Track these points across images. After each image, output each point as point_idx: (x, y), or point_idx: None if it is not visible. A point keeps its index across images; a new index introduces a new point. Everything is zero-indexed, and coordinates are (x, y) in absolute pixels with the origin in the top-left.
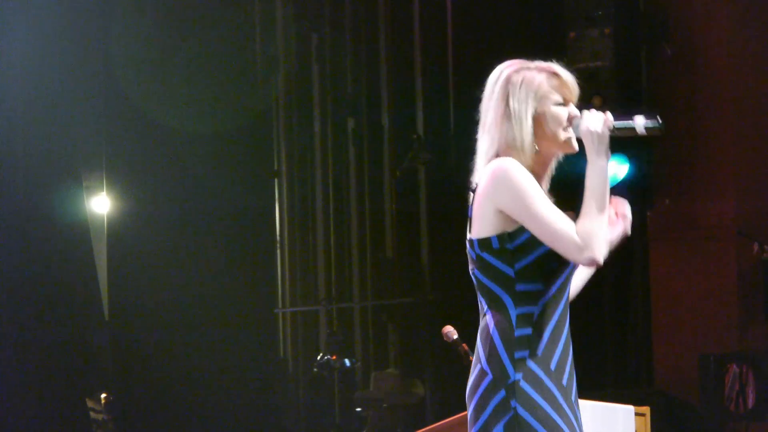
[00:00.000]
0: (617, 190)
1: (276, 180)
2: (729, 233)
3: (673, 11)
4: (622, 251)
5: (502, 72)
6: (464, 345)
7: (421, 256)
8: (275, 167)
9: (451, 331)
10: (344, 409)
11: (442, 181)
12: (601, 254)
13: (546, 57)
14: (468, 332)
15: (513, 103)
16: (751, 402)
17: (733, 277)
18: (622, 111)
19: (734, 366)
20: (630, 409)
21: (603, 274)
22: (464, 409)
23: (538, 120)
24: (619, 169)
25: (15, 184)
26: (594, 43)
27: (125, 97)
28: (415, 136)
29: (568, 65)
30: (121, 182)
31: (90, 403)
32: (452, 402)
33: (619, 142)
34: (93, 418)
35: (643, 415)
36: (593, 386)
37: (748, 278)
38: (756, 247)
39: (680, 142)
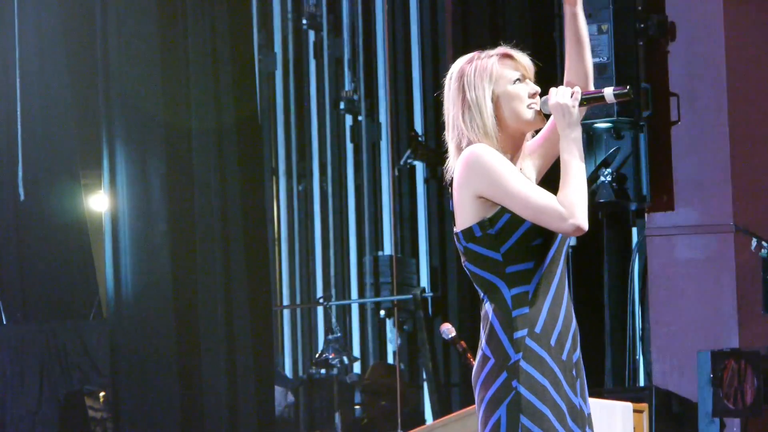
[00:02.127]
0: (616, 186)
1: (274, 177)
2: (728, 229)
3: (671, 7)
4: (620, 247)
5: (455, 68)
6: (462, 342)
7: (419, 254)
8: (273, 165)
9: (449, 329)
10: (343, 407)
11: (441, 178)
12: (584, 221)
13: (544, 54)
14: (466, 330)
15: (469, 92)
16: (749, 399)
17: (732, 273)
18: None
19: (732, 362)
20: (628, 406)
21: (600, 271)
22: (462, 406)
23: (498, 102)
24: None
25: (13, 182)
26: (592, 40)
27: (124, 95)
28: (413, 134)
29: (565, 62)
30: (120, 180)
31: (88, 402)
32: (451, 399)
33: (617, 139)
34: (91, 416)
35: (641, 412)
36: (591, 384)
37: (747, 274)
38: (754, 243)
39: (678, 138)
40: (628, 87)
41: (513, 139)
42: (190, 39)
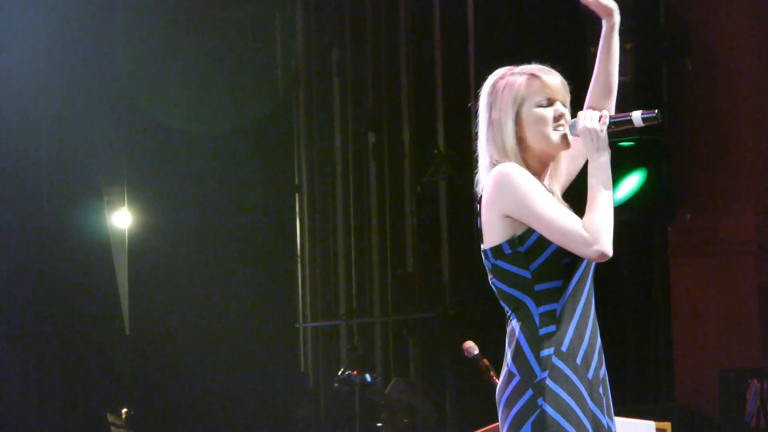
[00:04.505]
0: (639, 205)
1: (297, 195)
2: (750, 248)
3: (694, 26)
4: (643, 266)
5: (489, 81)
6: (485, 360)
7: (442, 271)
8: (296, 182)
9: (471, 347)
10: (365, 424)
11: (463, 195)
12: (609, 247)
13: (567, 71)
14: (488, 347)
15: (494, 111)
16: None
17: (754, 292)
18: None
19: (755, 381)
20: (651, 424)
21: (624, 289)
22: (484, 424)
23: (522, 123)
24: (637, 183)
25: (38, 199)
26: None
27: (147, 113)
28: (435, 151)
29: (589, 81)
30: (142, 197)
31: (111, 418)
32: (473, 417)
33: (640, 158)
34: None
35: (664, 430)
36: (614, 402)
37: None
38: None
39: (701, 157)
40: (656, 111)
41: (540, 160)
42: (214, 57)
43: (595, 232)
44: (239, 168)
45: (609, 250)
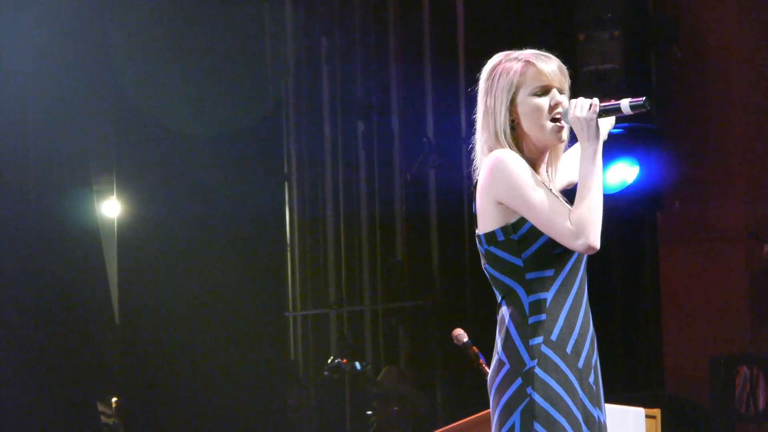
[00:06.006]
0: (628, 192)
1: (286, 183)
2: (739, 235)
3: (682, 14)
4: (632, 253)
5: (487, 66)
6: (474, 348)
7: (432, 260)
8: (285, 170)
9: (461, 334)
10: (355, 412)
11: (452, 184)
12: (596, 240)
13: (562, 61)
14: (478, 335)
15: (489, 97)
16: (761, 404)
17: (744, 279)
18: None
19: (745, 368)
20: (640, 411)
21: (613, 277)
22: (475, 411)
23: (516, 110)
24: (628, 172)
25: (25, 188)
26: (603, 46)
27: (135, 100)
28: (425, 140)
29: (578, 68)
30: (132, 186)
31: (101, 407)
32: (463, 405)
33: (629, 146)
34: (104, 422)
35: (653, 417)
36: (604, 389)
37: (759, 280)
38: (766, 248)
39: (690, 144)
40: (644, 98)
41: (537, 148)
42: (202, 44)
43: (581, 224)
44: (228, 157)
45: (596, 243)
